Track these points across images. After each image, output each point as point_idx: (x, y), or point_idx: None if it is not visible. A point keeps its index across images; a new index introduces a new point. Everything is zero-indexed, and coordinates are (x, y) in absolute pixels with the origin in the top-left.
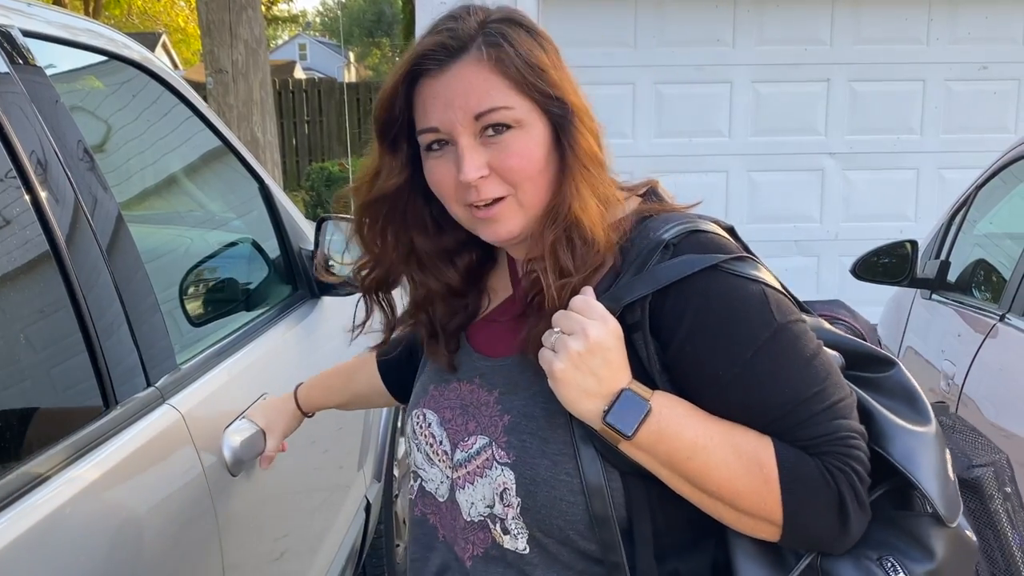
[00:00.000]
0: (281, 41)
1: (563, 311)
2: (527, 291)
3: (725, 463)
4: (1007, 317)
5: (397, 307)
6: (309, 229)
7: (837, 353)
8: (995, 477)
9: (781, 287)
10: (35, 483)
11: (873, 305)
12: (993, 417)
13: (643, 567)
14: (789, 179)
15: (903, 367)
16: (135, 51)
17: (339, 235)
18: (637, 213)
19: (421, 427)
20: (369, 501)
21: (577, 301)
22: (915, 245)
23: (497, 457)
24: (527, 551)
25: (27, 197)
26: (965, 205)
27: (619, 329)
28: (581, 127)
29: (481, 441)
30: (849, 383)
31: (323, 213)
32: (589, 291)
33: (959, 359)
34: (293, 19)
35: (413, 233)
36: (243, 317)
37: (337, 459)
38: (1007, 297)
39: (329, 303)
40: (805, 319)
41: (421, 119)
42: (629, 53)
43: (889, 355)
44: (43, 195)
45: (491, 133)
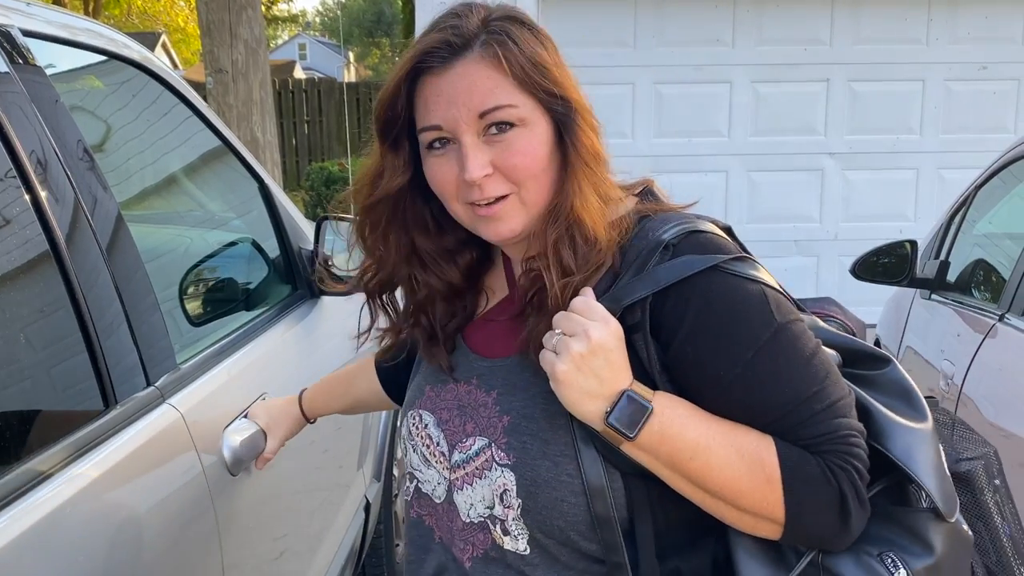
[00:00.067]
0: (281, 41)
1: (564, 312)
2: (526, 289)
3: (727, 463)
4: (1006, 317)
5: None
6: (309, 229)
7: (834, 351)
8: (985, 470)
9: (779, 287)
10: (35, 482)
11: (872, 305)
12: (992, 417)
13: (645, 567)
14: (788, 179)
15: (898, 364)
16: (135, 51)
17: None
18: (635, 212)
19: (417, 428)
20: (369, 501)
21: (578, 302)
22: (914, 245)
23: (497, 458)
24: (527, 552)
25: (27, 197)
26: (964, 205)
27: (620, 330)
28: (583, 125)
29: (480, 442)
30: (847, 381)
31: (323, 213)
32: (589, 292)
33: (958, 359)
34: (293, 19)
35: (414, 233)
36: (243, 317)
37: (337, 459)
38: (1006, 297)
39: (329, 303)
40: (803, 318)
41: (423, 117)
42: (629, 53)
43: (884, 352)
44: (43, 195)
45: (494, 131)
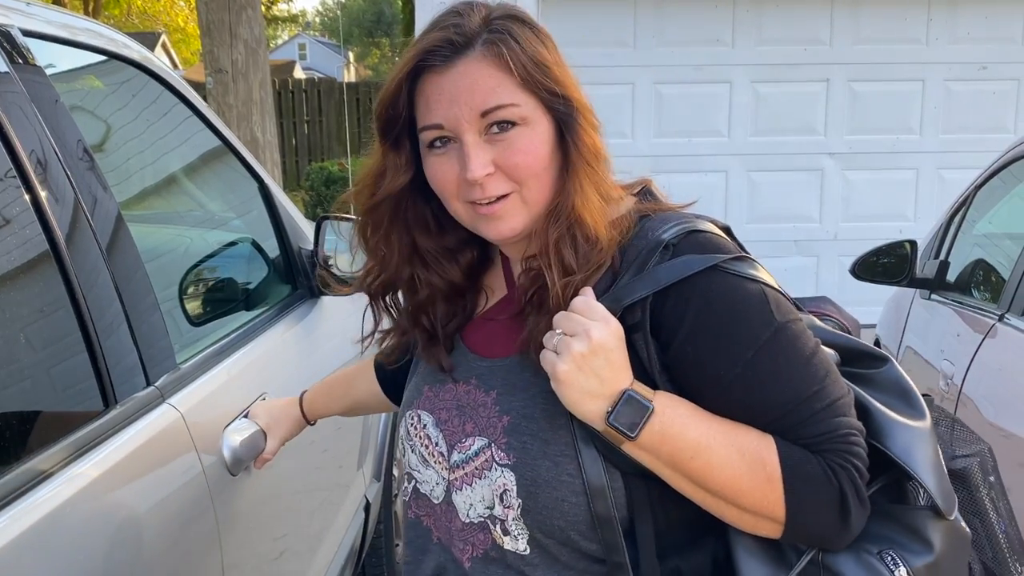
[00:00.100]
0: (281, 41)
1: (564, 312)
2: (526, 288)
3: (728, 462)
4: (1006, 317)
5: None
6: (309, 229)
7: (832, 350)
8: (980, 467)
9: (778, 287)
10: (35, 482)
11: (872, 305)
12: (992, 417)
13: (645, 566)
14: (788, 179)
15: (895, 363)
16: (135, 51)
17: (340, 236)
18: (635, 212)
19: (415, 428)
20: (368, 501)
21: (578, 302)
22: (914, 245)
23: (497, 458)
24: (527, 552)
25: (27, 197)
26: (964, 205)
27: (621, 330)
28: (585, 124)
29: (480, 442)
30: (845, 380)
31: (323, 213)
32: (589, 292)
33: (958, 359)
34: (293, 19)
35: (415, 232)
36: (243, 316)
37: (336, 459)
38: (1006, 297)
39: (329, 303)
40: (802, 317)
41: (424, 116)
42: (628, 53)
43: (881, 351)
44: (43, 195)
45: (496, 130)
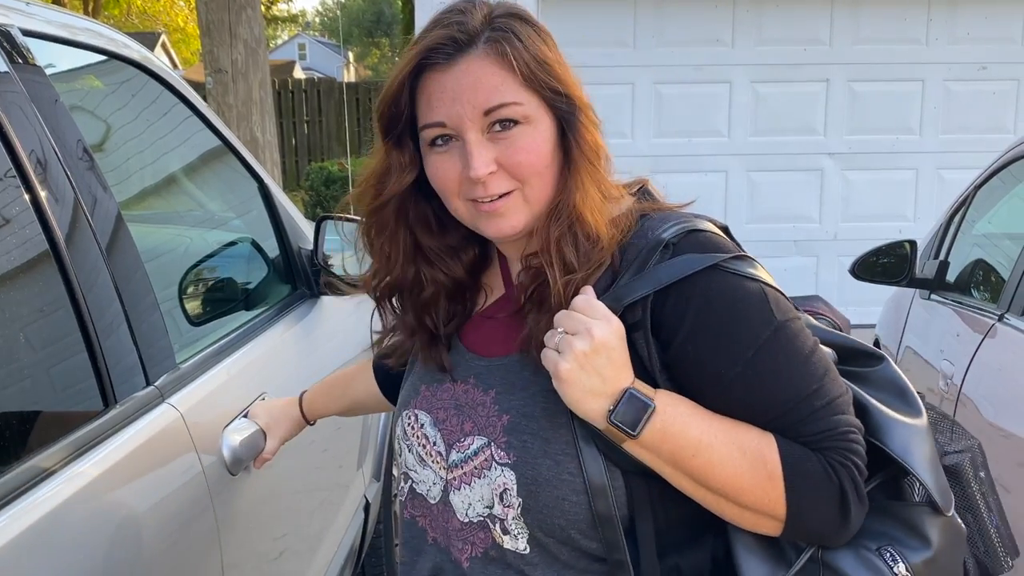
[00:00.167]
0: (280, 41)
1: (565, 311)
2: (526, 286)
3: (730, 460)
4: (1006, 317)
5: None
6: (308, 229)
7: (829, 349)
8: (971, 463)
9: (776, 286)
10: (35, 481)
11: (872, 305)
12: (992, 417)
13: (646, 565)
14: (788, 179)
15: (891, 361)
16: (135, 51)
17: (337, 235)
18: (634, 211)
19: (413, 428)
20: (368, 500)
21: (579, 301)
22: (914, 245)
23: (497, 458)
24: (527, 551)
25: (27, 197)
26: (964, 205)
27: (622, 329)
28: (586, 122)
29: (479, 442)
30: (843, 378)
31: (322, 213)
32: (590, 291)
33: (958, 359)
34: (292, 19)
35: (417, 231)
36: (242, 316)
37: (336, 458)
38: (1006, 297)
39: (328, 302)
40: (800, 316)
41: (426, 114)
42: (628, 53)
43: (877, 350)
44: (43, 195)
45: (498, 129)
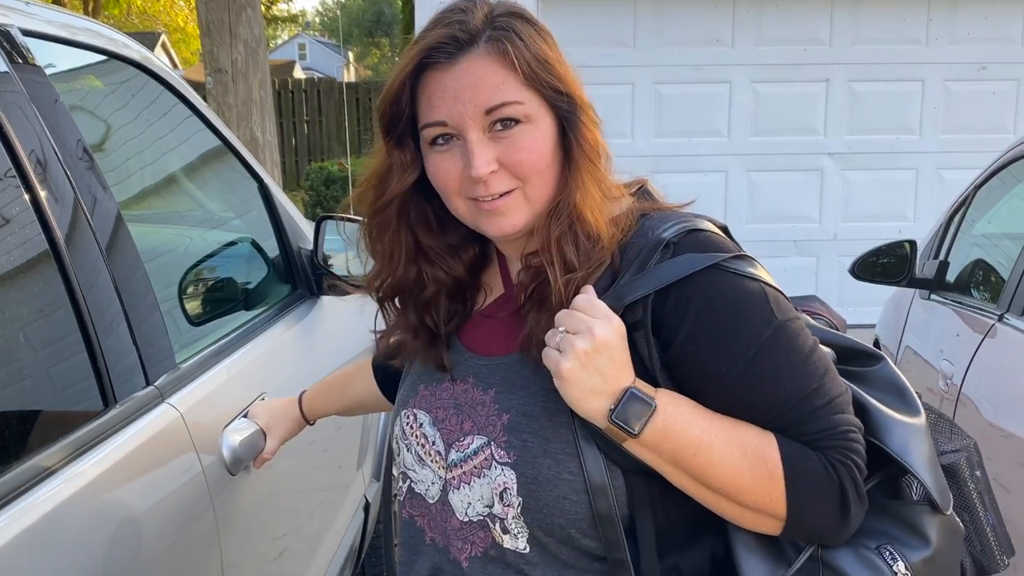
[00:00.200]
0: (280, 41)
1: (566, 310)
2: (526, 285)
3: (730, 459)
4: (1005, 317)
5: None
6: (308, 228)
7: (828, 349)
8: (967, 462)
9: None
10: (34, 481)
11: (872, 305)
12: (992, 417)
13: (646, 564)
14: (788, 179)
15: (889, 361)
16: (135, 50)
17: (337, 235)
18: (634, 211)
19: (412, 427)
20: (368, 500)
21: (580, 300)
22: (914, 245)
23: (497, 457)
24: (527, 550)
25: (27, 197)
26: (964, 205)
27: (623, 328)
28: (587, 121)
29: (479, 441)
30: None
31: (322, 212)
32: (590, 290)
33: (958, 359)
34: (292, 19)
35: (417, 231)
36: (242, 316)
37: (336, 458)
38: (1005, 297)
39: (328, 302)
40: (800, 316)
41: (426, 113)
42: (628, 53)
43: (875, 349)
44: (43, 195)
45: (499, 128)
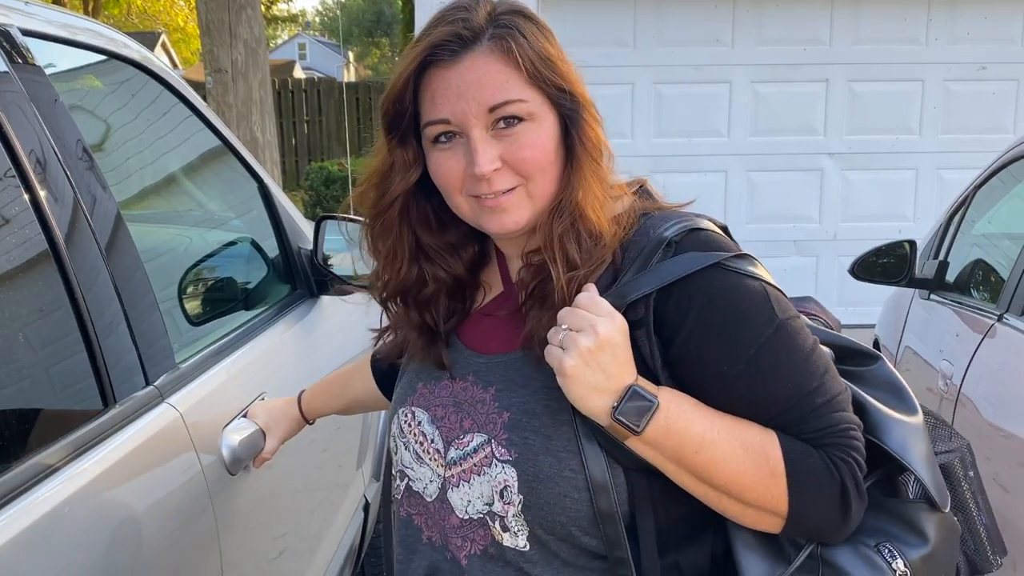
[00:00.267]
0: (280, 41)
1: (569, 308)
2: (527, 282)
3: (732, 456)
4: (1005, 317)
5: None
6: (308, 228)
7: (827, 348)
8: (961, 462)
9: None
10: (34, 481)
11: (871, 305)
12: (991, 417)
13: (646, 562)
14: (788, 179)
15: (887, 361)
16: (134, 50)
17: (338, 235)
18: (636, 209)
19: (410, 425)
20: (368, 500)
21: (583, 298)
22: (913, 245)
23: (497, 454)
24: (527, 548)
25: (26, 197)
26: (964, 205)
27: (625, 326)
28: (589, 119)
29: (479, 439)
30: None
31: (322, 212)
32: (593, 288)
33: (957, 359)
34: (292, 19)
35: (418, 229)
36: (242, 316)
37: (336, 458)
38: (1005, 297)
39: (328, 302)
40: (800, 315)
41: (429, 111)
42: (628, 53)
43: (872, 349)
44: (42, 194)
45: (503, 125)
